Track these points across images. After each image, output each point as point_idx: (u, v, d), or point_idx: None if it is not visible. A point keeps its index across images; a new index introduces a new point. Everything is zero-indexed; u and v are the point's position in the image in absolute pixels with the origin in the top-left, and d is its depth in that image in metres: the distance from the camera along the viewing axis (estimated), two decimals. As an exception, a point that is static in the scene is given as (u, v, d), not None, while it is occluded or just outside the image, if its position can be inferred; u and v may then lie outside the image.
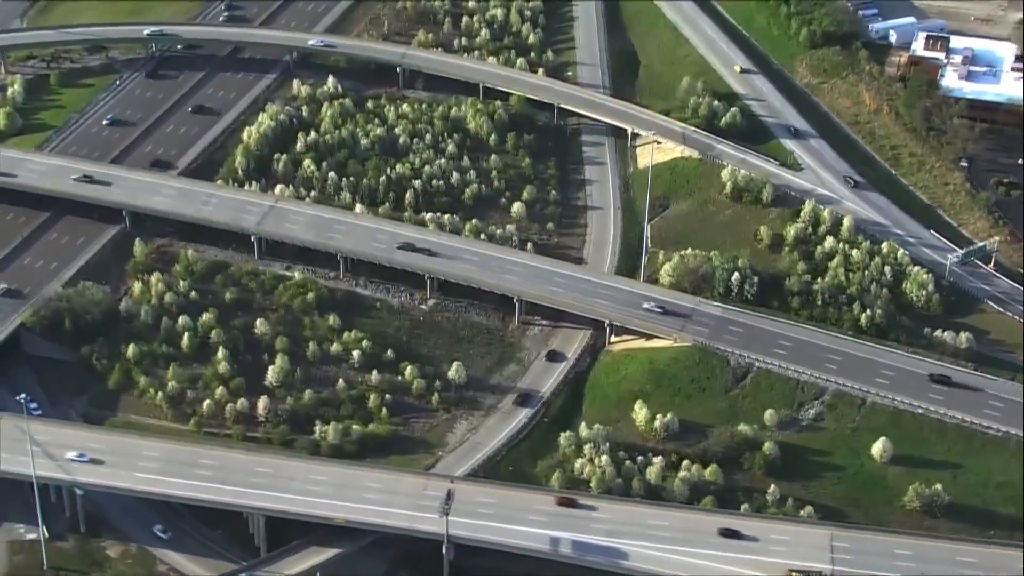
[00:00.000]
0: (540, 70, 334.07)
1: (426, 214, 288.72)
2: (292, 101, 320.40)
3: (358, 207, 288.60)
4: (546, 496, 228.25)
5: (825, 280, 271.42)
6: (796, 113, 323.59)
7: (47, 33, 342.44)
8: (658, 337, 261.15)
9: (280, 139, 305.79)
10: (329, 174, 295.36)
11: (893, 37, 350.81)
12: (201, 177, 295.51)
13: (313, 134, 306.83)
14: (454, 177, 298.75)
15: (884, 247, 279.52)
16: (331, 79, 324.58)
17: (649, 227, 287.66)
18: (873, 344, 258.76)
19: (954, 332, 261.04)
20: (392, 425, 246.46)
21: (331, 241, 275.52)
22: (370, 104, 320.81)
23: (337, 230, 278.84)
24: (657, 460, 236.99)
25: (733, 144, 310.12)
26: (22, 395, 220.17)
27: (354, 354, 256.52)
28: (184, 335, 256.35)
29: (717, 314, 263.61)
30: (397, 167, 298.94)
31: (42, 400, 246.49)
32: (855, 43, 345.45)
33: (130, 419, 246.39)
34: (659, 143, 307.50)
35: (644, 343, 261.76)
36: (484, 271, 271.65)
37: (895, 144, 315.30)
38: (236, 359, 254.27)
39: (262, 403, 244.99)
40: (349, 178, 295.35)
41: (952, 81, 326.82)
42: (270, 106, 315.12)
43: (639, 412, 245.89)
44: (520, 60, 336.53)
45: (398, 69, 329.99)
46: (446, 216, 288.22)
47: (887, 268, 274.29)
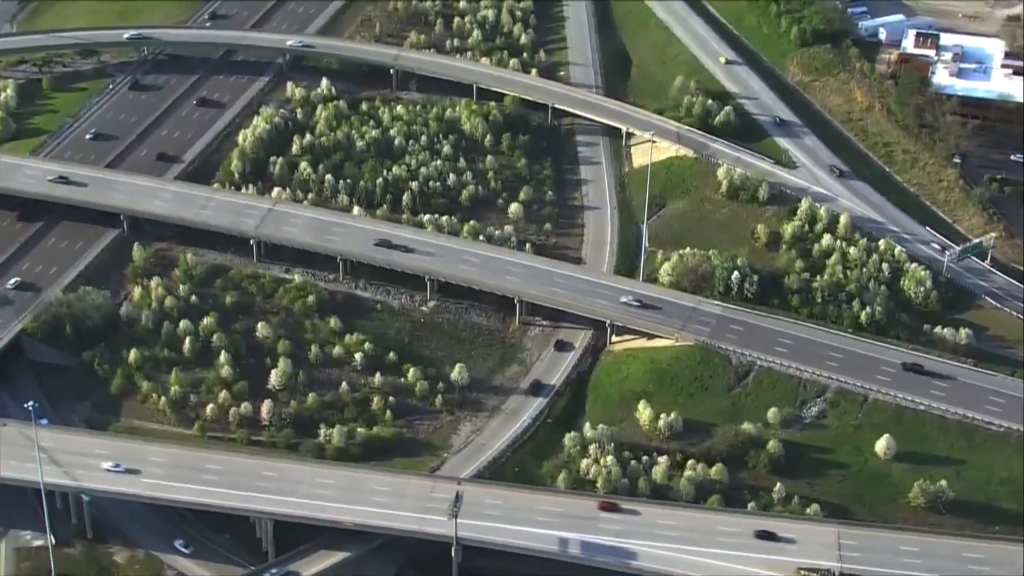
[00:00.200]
0: (533, 71, 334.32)
1: (424, 216, 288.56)
2: (286, 104, 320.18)
3: (356, 209, 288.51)
4: (554, 497, 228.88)
5: (824, 278, 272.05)
6: (789, 111, 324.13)
7: (30, 38, 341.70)
8: (659, 336, 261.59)
9: (275, 142, 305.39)
10: (326, 176, 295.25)
11: (883, 35, 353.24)
12: (198, 180, 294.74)
13: (308, 136, 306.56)
14: (450, 178, 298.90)
15: (881, 244, 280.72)
16: (324, 81, 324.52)
17: (653, 225, 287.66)
18: (873, 341, 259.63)
19: (953, 328, 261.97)
20: (396, 427, 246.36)
21: (330, 244, 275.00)
22: (364, 106, 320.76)
23: (336, 232, 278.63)
24: (662, 460, 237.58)
25: (728, 143, 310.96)
26: (30, 402, 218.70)
27: (356, 356, 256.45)
28: (186, 339, 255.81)
29: (718, 313, 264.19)
30: (393, 169, 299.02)
31: (45, 406, 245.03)
32: (845, 41, 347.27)
33: (133, 424, 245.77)
34: (655, 142, 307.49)
35: (645, 343, 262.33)
36: (484, 272, 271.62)
37: (888, 141, 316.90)
38: (238, 363, 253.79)
39: (266, 407, 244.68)
40: (346, 180, 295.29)
41: (943, 78, 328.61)
42: (264, 109, 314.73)
43: (643, 412, 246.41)
44: (513, 61, 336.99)
45: (391, 71, 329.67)
46: (444, 218, 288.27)
47: (885, 265, 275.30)
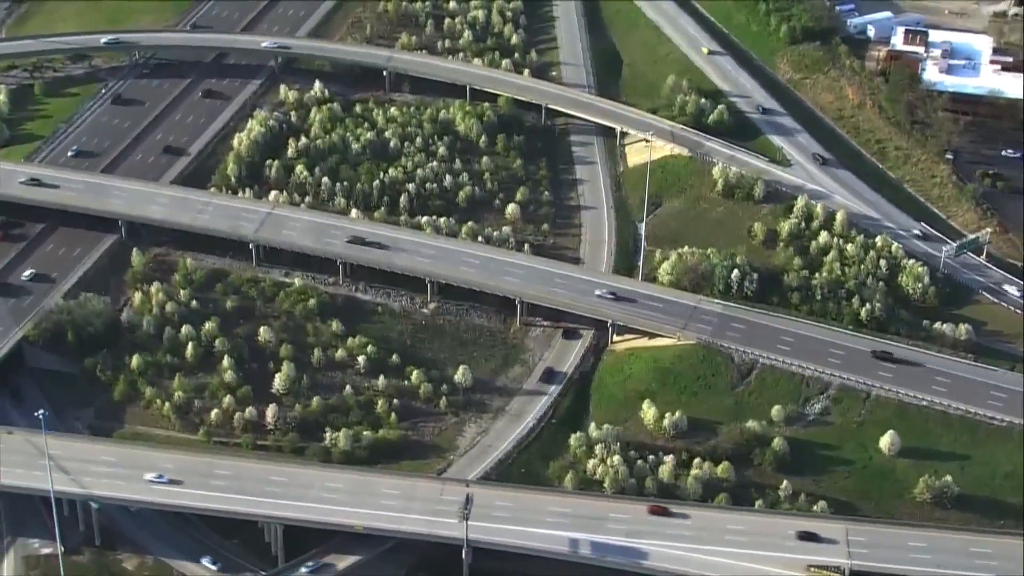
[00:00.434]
0: (526, 71, 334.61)
1: (421, 218, 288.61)
2: (280, 106, 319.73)
3: (353, 212, 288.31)
4: (564, 498, 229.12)
5: (823, 275, 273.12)
6: (790, 117, 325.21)
7: (14, 44, 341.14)
8: (661, 336, 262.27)
9: (271, 145, 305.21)
10: (323, 179, 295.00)
11: (871, 32, 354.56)
12: (193, 184, 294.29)
13: (303, 139, 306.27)
14: (447, 180, 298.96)
15: (878, 241, 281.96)
16: (317, 83, 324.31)
17: (644, 225, 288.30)
18: (872, 337, 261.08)
19: (953, 324, 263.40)
20: (401, 430, 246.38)
21: (330, 247, 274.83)
22: (358, 108, 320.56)
23: (334, 235, 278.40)
24: (668, 459, 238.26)
25: (721, 141, 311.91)
26: (40, 411, 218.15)
27: (359, 359, 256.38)
28: (188, 345, 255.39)
29: (719, 311, 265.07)
30: (390, 171, 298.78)
31: (47, 413, 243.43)
32: (834, 38, 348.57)
33: (137, 430, 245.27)
34: (649, 141, 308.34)
35: (647, 342, 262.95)
36: (484, 273, 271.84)
37: (880, 138, 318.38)
38: (241, 367, 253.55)
39: (271, 411, 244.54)
40: (343, 183, 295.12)
41: (933, 75, 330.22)
42: (258, 112, 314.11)
43: (647, 411, 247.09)
44: (505, 61, 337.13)
45: (384, 72, 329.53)
46: (442, 219, 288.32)
47: (882, 262, 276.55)
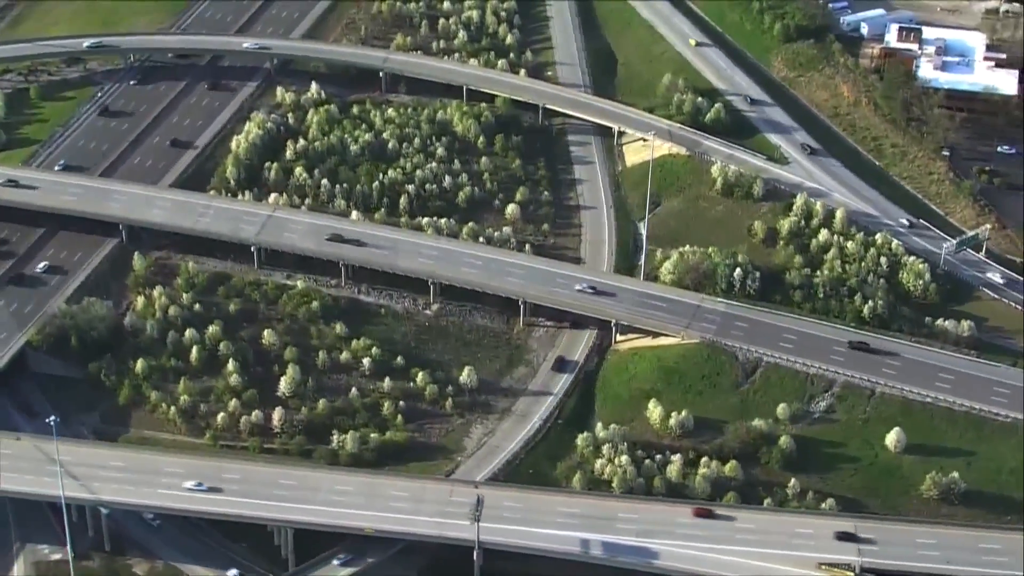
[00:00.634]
0: (522, 71, 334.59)
1: (422, 219, 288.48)
2: (276, 109, 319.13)
3: (354, 214, 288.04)
4: (572, 498, 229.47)
5: (824, 273, 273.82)
6: (779, 107, 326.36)
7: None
8: (664, 335, 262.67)
9: (269, 147, 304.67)
10: (322, 181, 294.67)
11: (865, 29, 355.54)
12: (191, 187, 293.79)
13: (302, 141, 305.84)
14: (446, 180, 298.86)
15: (878, 238, 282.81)
16: (314, 85, 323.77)
17: (646, 224, 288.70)
18: (874, 334, 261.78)
19: (955, 321, 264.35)
20: (408, 432, 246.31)
21: (332, 249, 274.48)
22: (355, 109, 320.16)
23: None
24: (676, 458, 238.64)
25: (719, 140, 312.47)
26: (51, 417, 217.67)
27: (364, 362, 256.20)
28: (192, 348, 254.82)
29: (722, 310, 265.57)
30: (389, 172, 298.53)
31: (43, 409, 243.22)
32: (829, 36, 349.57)
33: (143, 434, 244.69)
34: (646, 140, 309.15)
35: (650, 341, 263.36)
36: (486, 274, 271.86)
37: (876, 135, 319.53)
38: (246, 371, 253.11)
39: (277, 414, 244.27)
40: (342, 185, 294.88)
41: (928, 72, 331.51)
42: (256, 114, 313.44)
43: (653, 410, 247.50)
44: (501, 62, 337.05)
45: (381, 73, 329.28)
46: (443, 220, 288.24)
47: (883, 259, 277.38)
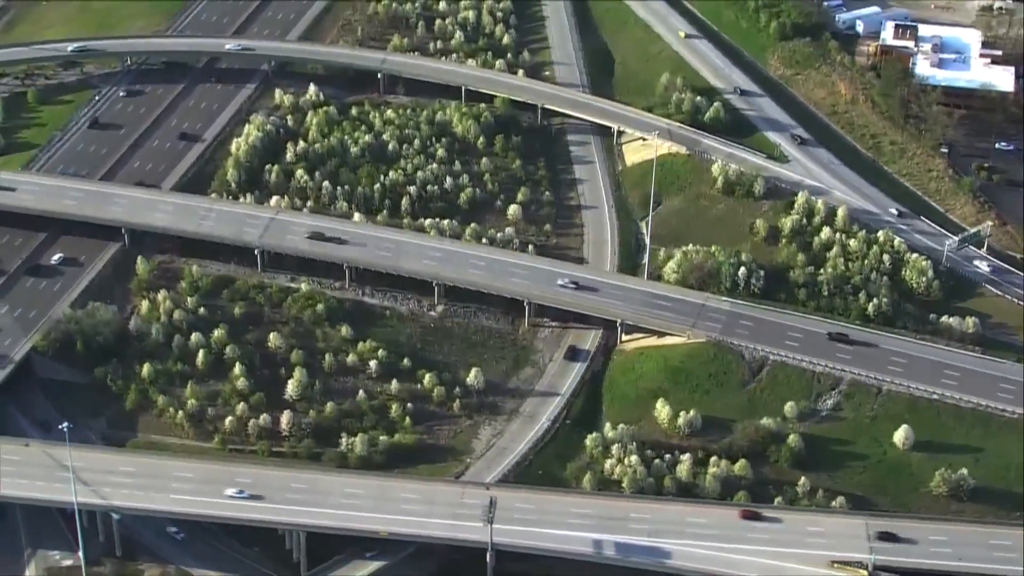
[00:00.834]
0: (520, 71, 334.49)
1: (424, 220, 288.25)
2: (275, 111, 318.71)
3: (356, 215, 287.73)
4: (584, 499, 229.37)
5: (828, 271, 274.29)
6: (775, 105, 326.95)
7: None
8: (669, 334, 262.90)
9: (269, 150, 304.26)
10: (323, 183, 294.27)
11: (860, 27, 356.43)
12: (191, 191, 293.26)
13: (302, 143, 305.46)
14: (447, 182, 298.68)
15: (880, 235, 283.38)
16: (312, 87, 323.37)
17: (649, 224, 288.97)
18: (878, 331, 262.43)
19: (960, 317, 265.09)
20: (417, 434, 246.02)
21: (336, 251, 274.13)
22: (354, 111, 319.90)
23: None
24: (685, 457, 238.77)
25: (719, 139, 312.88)
26: (64, 424, 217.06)
27: (371, 364, 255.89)
28: (198, 352, 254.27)
29: (727, 309, 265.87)
30: (390, 174, 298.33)
31: (59, 423, 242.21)
32: (824, 34, 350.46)
33: (151, 439, 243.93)
34: (645, 139, 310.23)
35: (656, 340, 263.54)
36: (491, 275, 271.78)
37: (875, 133, 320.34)
38: (253, 374, 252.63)
39: (285, 418, 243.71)
40: (344, 187, 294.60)
41: (925, 69, 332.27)
42: (255, 117, 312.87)
43: (661, 410, 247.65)
44: (499, 62, 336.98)
45: (379, 75, 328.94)
46: (445, 221, 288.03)
47: (885, 256, 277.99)
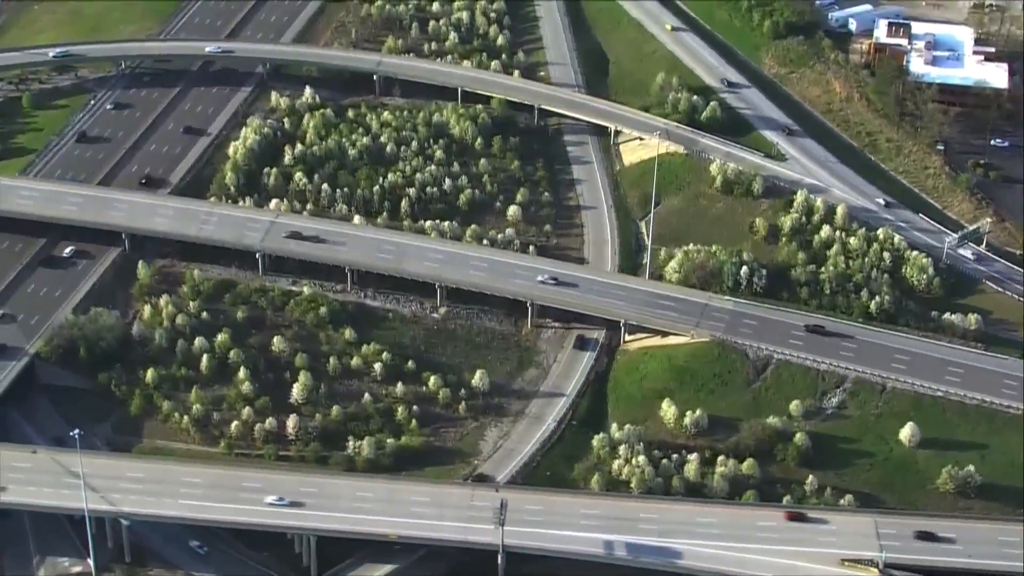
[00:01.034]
0: (516, 72, 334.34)
1: (424, 222, 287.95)
2: (272, 114, 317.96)
3: (356, 218, 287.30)
4: (594, 499, 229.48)
5: (830, 269, 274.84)
6: (772, 104, 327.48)
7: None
8: (673, 333, 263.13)
9: (267, 153, 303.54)
10: (322, 186, 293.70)
11: (853, 25, 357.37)
12: (190, 195, 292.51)
13: (299, 146, 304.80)
14: (446, 183, 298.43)
15: (880, 233, 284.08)
16: (308, 90, 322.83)
17: (649, 223, 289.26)
18: (882, 329, 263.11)
19: (962, 314, 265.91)
20: (423, 436, 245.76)
21: (339, 254, 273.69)
22: (351, 113, 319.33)
23: (341, 242, 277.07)
24: (692, 457, 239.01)
25: (716, 138, 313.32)
26: (75, 430, 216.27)
27: (375, 367, 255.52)
28: (202, 357, 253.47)
29: (730, 308, 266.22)
30: (389, 176, 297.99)
31: (64, 430, 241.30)
32: (818, 32, 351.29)
33: (156, 444, 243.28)
34: (642, 139, 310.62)
35: (660, 340, 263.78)
36: (493, 276, 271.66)
37: (871, 131, 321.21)
38: (257, 378, 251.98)
39: (291, 421, 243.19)
40: (343, 189, 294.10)
41: (919, 67, 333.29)
42: (252, 120, 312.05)
43: (667, 410, 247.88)
44: (494, 63, 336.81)
45: (375, 77, 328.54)
46: (445, 223, 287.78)
47: (886, 254, 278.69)
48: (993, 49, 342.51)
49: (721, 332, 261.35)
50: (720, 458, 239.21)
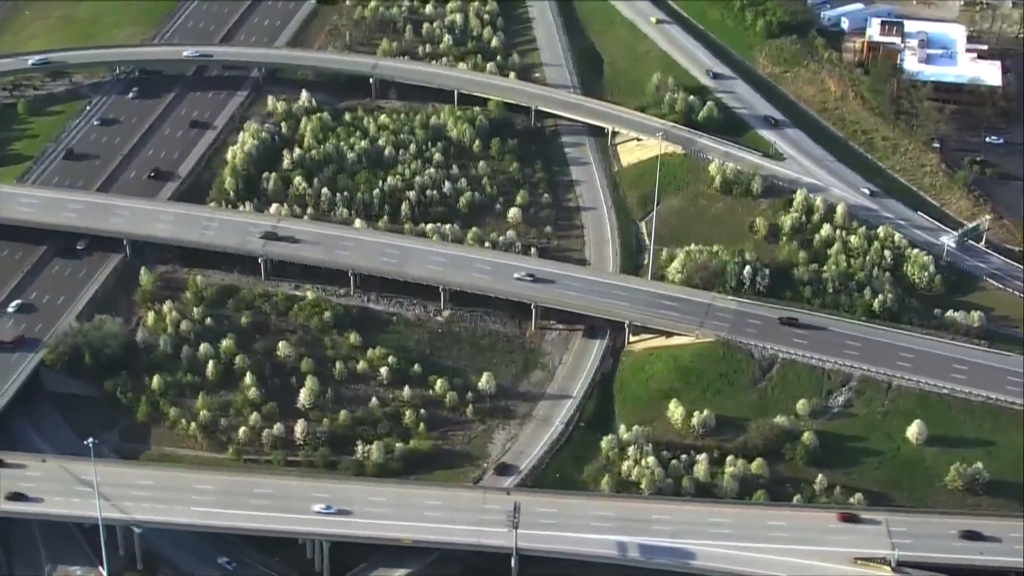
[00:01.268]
0: (511, 74, 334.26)
1: (425, 225, 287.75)
2: (268, 118, 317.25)
3: (357, 222, 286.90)
4: (605, 501, 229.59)
5: (832, 268, 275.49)
6: (767, 103, 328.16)
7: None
8: (677, 334, 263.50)
9: (265, 157, 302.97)
10: (322, 190, 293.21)
11: (845, 24, 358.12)
12: (189, 200, 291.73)
13: (298, 150, 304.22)
14: (446, 186, 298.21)
15: (880, 231, 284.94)
16: (304, 93, 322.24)
17: (650, 224, 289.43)
18: (886, 327, 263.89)
19: (965, 312, 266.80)
20: (431, 440, 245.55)
21: (341, 258, 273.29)
22: (347, 116, 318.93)
23: (344, 246, 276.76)
24: (701, 457, 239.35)
25: (714, 138, 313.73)
26: (90, 439, 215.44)
27: (381, 371, 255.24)
28: (208, 363, 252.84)
29: (734, 308, 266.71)
30: (388, 179, 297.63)
31: (71, 437, 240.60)
32: (811, 31, 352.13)
33: (164, 451, 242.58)
34: (640, 140, 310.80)
35: (664, 341, 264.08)
36: (496, 279, 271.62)
37: (866, 129, 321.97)
38: (263, 384, 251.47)
39: (299, 426, 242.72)
40: (342, 193, 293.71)
41: (912, 65, 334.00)
42: (249, 124, 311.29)
43: (674, 410, 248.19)
44: (489, 64, 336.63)
45: (371, 80, 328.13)
46: (446, 226, 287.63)
47: (886, 252, 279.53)
48: (986, 47, 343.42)
49: (726, 332, 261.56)
50: (729, 458, 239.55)
